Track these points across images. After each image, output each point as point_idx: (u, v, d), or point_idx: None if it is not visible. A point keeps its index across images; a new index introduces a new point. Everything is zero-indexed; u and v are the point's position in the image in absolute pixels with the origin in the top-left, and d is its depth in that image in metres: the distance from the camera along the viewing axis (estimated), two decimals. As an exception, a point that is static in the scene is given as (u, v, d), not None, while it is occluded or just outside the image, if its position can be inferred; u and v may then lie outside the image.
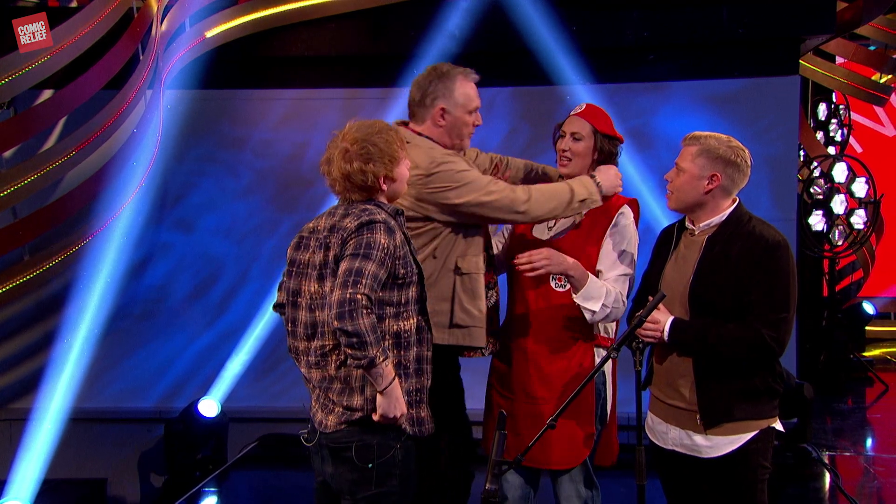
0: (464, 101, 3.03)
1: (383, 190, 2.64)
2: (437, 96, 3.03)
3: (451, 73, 3.05)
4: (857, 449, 5.71)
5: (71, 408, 4.78)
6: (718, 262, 2.68)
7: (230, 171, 5.68)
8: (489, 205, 2.90)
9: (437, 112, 3.02)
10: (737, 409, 2.67)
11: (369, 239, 2.48)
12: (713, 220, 2.76)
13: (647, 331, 2.65)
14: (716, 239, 2.73)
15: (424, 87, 3.06)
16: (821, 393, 5.80)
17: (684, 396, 2.72)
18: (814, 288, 7.55)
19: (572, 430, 2.94)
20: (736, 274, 2.64)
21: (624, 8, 5.30)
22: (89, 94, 4.44)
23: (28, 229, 4.32)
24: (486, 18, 5.21)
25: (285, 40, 5.50)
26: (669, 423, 2.78)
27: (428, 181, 2.90)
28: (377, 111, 5.49)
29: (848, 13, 5.79)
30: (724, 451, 2.69)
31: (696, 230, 2.79)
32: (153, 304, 5.68)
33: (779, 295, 2.63)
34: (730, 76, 5.39)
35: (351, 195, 2.65)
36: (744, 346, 2.62)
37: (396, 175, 2.66)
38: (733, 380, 2.67)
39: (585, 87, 5.24)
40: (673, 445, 2.78)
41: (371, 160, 2.59)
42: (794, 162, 5.63)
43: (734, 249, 2.67)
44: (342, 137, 2.66)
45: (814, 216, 6.92)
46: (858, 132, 8.94)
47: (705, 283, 2.68)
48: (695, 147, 2.75)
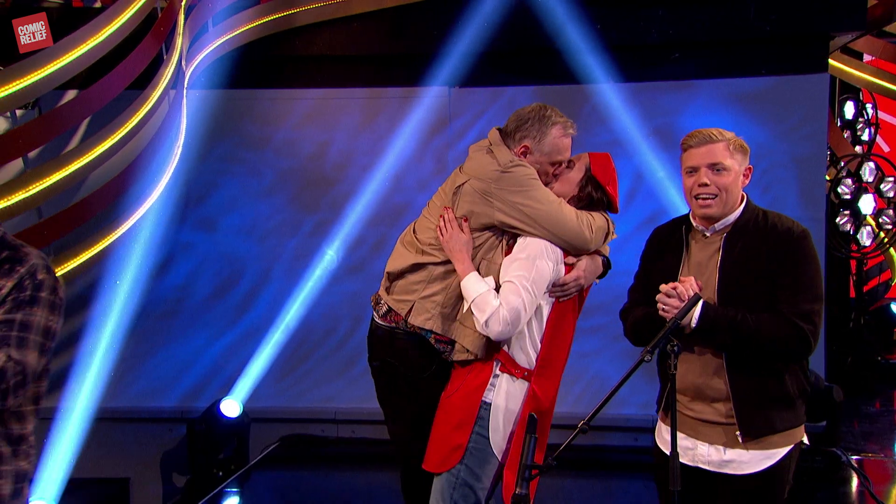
0: (550, 150, 3.03)
1: None
2: (528, 135, 3.03)
3: (553, 120, 3.03)
4: (886, 453, 5.62)
5: (95, 407, 4.79)
6: (745, 262, 2.55)
7: (252, 171, 5.69)
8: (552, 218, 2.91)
9: (520, 149, 3.03)
10: (777, 420, 2.55)
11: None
12: (729, 218, 2.62)
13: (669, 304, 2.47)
14: (734, 237, 2.59)
15: (523, 120, 3.06)
16: (848, 395, 5.71)
17: (717, 409, 2.56)
18: (841, 289, 7.44)
19: (442, 437, 2.94)
20: (767, 271, 2.52)
21: (649, 5, 5.24)
22: (113, 94, 4.45)
23: (52, 229, 4.34)
24: (510, 16, 5.17)
25: (307, 40, 5.49)
26: (698, 438, 2.61)
27: (503, 177, 2.93)
28: (399, 110, 5.49)
29: (878, 10, 5.69)
30: (760, 468, 2.56)
31: (708, 231, 2.63)
32: (175, 303, 5.70)
33: (812, 286, 2.52)
34: (757, 74, 5.32)
35: None
36: (783, 335, 2.46)
37: None
38: (769, 386, 2.54)
39: (610, 86, 5.20)
40: (699, 462, 2.61)
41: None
42: (822, 161, 5.55)
43: (759, 246, 2.55)
44: None
45: (841, 216, 6.83)
46: (886, 131, 8.81)
47: (735, 285, 2.54)
48: (721, 143, 2.59)
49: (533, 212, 2.89)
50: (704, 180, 2.57)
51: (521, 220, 2.91)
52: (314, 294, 5.55)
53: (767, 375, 2.54)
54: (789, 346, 2.48)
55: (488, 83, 5.43)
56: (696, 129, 2.69)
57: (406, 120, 5.46)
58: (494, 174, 2.93)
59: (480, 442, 2.91)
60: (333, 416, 5.62)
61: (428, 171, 5.53)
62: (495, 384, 2.92)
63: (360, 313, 5.61)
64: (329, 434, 5.65)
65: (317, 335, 5.65)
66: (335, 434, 5.65)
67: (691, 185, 2.61)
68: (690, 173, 2.62)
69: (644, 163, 5.22)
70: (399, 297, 3.14)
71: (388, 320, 3.17)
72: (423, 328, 3.07)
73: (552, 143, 3.01)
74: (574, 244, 2.90)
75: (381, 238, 5.50)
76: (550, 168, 3.05)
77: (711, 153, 2.59)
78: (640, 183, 5.25)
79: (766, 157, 5.34)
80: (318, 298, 5.57)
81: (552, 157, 3.03)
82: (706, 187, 2.57)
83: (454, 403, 2.99)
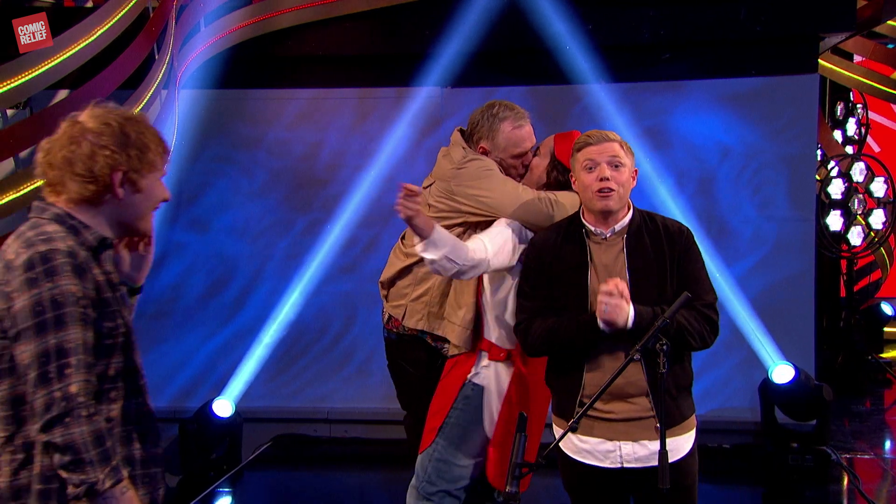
0: (506, 145, 3.09)
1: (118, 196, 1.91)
2: (482, 136, 3.10)
3: (501, 116, 3.09)
4: (875, 451, 5.65)
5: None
6: (650, 261, 2.63)
7: (244, 171, 5.68)
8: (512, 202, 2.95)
9: (479, 150, 3.11)
10: (685, 407, 2.67)
11: (53, 293, 1.76)
12: (625, 219, 2.69)
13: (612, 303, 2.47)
14: (632, 239, 2.66)
15: (474, 124, 3.14)
16: (838, 394, 5.74)
17: (638, 405, 2.58)
18: (831, 289, 7.48)
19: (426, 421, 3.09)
20: (669, 268, 2.63)
21: (640, 5, 5.26)
22: (105, 93, 4.43)
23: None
24: (502, 17, 5.18)
25: (300, 40, 5.49)
26: (619, 439, 2.60)
27: (458, 174, 3.01)
28: (392, 110, 5.49)
29: (868, 10, 5.72)
30: (679, 456, 2.63)
31: (607, 232, 2.67)
32: (167, 303, 5.69)
33: (708, 279, 2.69)
34: (747, 75, 5.34)
35: (59, 192, 1.90)
36: (701, 327, 2.58)
37: (142, 186, 1.94)
38: (676, 376, 2.62)
39: (601, 86, 5.21)
40: (625, 463, 2.61)
41: (109, 145, 1.88)
42: (812, 161, 5.57)
43: (659, 245, 2.64)
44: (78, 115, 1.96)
45: (832, 216, 6.86)
46: (876, 131, 8.85)
47: (645, 283, 2.60)
48: (615, 143, 2.67)
49: (492, 200, 2.96)
50: (606, 174, 2.62)
51: (483, 210, 2.99)
52: (306, 294, 5.55)
53: (674, 366, 2.59)
54: (705, 336, 2.61)
55: (481, 83, 5.43)
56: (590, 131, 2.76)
57: (398, 120, 5.46)
58: (451, 172, 3.04)
59: (462, 419, 3.00)
60: (326, 415, 5.62)
61: (420, 172, 5.50)
62: (483, 369, 3.04)
63: (352, 313, 5.62)
64: (322, 434, 5.64)
65: (309, 335, 5.65)
66: (328, 434, 5.65)
67: (591, 180, 2.64)
68: (590, 169, 2.65)
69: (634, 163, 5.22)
70: (394, 304, 3.26)
71: (391, 327, 3.30)
72: (417, 329, 3.17)
73: (506, 138, 3.08)
74: (539, 224, 2.93)
75: (373, 238, 5.50)
76: (515, 161, 3.11)
77: (611, 149, 2.66)
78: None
79: (757, 158, 5.36)
80: (311, 298, 5.57)
81: (511, 151, 3.09)
82: (607, 181, 2.62)
83: (438, 391, 3.12)
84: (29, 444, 1.82)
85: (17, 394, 1.83)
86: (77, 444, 1.74)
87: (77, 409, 1.74)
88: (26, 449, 1.82)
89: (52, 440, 1.74)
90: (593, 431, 2.62)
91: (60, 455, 1.74)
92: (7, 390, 1.83)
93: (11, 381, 1.82)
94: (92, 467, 1.75)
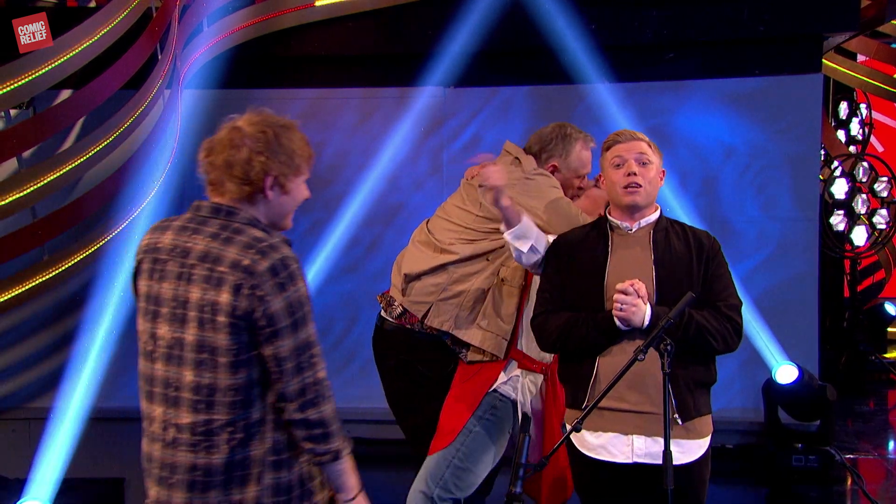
0: (577, 165, 3.20)
1: (267, 198, 2.14)
2: (554, 154, 3.18)
3: (574, 137, 3.20)
4: (879, 452, 5.64)
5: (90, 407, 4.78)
6: (676, 259, 2.65)
7: (247, 171, 5.67)
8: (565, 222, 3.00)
9: (548, 168, 3.18)
10: (702, 404, 2.67)
11: (297, 295, 2.07)
12: (652, 216, 2.73)
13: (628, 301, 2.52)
14: (658, 236, 2.69)
15: (546, 141, 3.21)
16: (842, 395, 5.74)
17: (653, 398, 2.57)
18: (835, 289, 7.46)
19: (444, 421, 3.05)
20: (695, 269, 2.64)
21: (643, 6, 5.25)
22: (108, 94, 4.44)
23: (47, 229, 4.33)
24: (505, 16, 5.17)
25: (302, 40, 5.49)
26: (635, 433, 2.61)
27: (527, 183, 3.06)
28: (394, 110, 5.49)
29: (871, 10, 5.71)
30: (693, 458, 2.63)
31: (633, 227, 2.71)
32: (171, 303, 5.68)
33: (733, 286, 2.72)
34: (750, 74, 5.34)
35: (222, 192, 2.17)
36: (723, 328, 2.60)
37: (290, 188, 2.16)
38: (697, 372, 2.64)
39: (604, 86, 5.20)
40: (636, 457, 2.61)
41: (265, 151, 2.14)
42: (815, 161, 5.57)
43: (686, 246, 2.67)
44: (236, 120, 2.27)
45: (835, 216, 6.85)
46: (880, 131, 8.83)
47: (671, 281, 2.62)
48: (643, 142, 2.73)
49: (548, 216, 3.02)
50: (634, 169, 2.68)
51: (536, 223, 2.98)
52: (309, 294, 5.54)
53: (694, 362, 2.63)
54: (727, 338, 2.62)
55: (483, 83, 5.43)
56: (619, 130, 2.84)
57: (401, 120, 5.46)
58: (520, 179, 3.08)
59: (489, 428, 2.97)
60: (329, 415, 5.61)
61: (423, 171, 5.53)
62: (512, 379, 3.03)
63: (354, 313, 5.61)
64: (324, 434, 5.64)
65: (312, 335, 5.64)
66: (330, 434, 5.64)
67: (619, 176, 2.70)
68: (618, 166, 2.71)
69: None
70: (416, 300, 3.16)
71: (403, 321, 3.20)
72: (440, 329, 3.11)
73: (577, 158, 3.19)
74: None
75: (375, 238, 5.50)
76: (577, 181, 3.21)
77: (639, 147, 2.73)
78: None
79: (760, 158, 5.36)
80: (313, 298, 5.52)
81: (578, 172, 3.21)
82: (634, 176, 2.67)
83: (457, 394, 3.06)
84: (249, 424, 2.03)
85: (244, 383, 2.03)
86: (327, 419, 2.04)
87: (325, 391, 2.06)
88: (246, 429, 2.03)
89: (308, 418, 2.01)
90: (607, 426, 2.62)
91: (312, 430, 2.02)
92: (240, 379, 2.03)
93: (247, 371, 2.03)
94: (335, 438, 2.06)
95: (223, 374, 2.01)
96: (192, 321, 2.04)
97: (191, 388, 2.04)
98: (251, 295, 1.99)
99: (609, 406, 2.59)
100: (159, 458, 2.09)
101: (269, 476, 2.04)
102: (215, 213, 2.15)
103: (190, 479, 2.03)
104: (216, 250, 2.05)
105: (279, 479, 2.06)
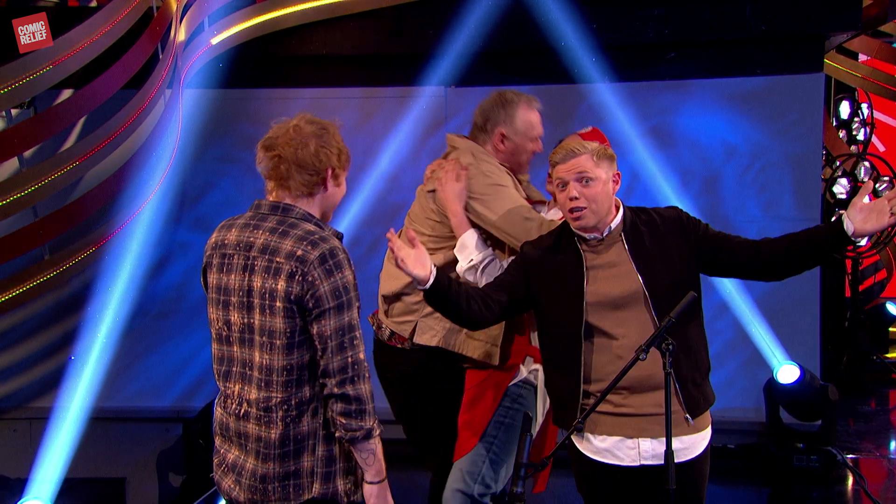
0: (524, 128, 3.13)
1: (326, 189, 2.37)
2: (499, 122, 3.13)
3: (515, 101, 3.14)
4: (881, 452, 5.64)
5: (91, 407, 4.79)
6: (655, 251, 2.62)
7: (248, 171, 5.66)
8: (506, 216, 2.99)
9: (497, 137, 3.12)
10: (709, 395, 2.66)
11: (343, 281, 2.27)
12: (615, 220, 2.66)
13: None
14: (629, 234, 2.65)
15: (488, 112, 3.16)
16: (843, 395, 5.73)
17: (658, 399, 2.52)
18: (836, 288, 7.45)
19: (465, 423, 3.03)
20: (674, 253, 2.62)
21: (645, 5, 5.25)
22: (109, 93, 4.44)
23: (48, 228, 4.33)
24: (506, 16, 5.17)
25: (304, 39, 5.48)
26: (641, 436, 2.58)
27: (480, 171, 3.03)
28: (395, 110, 5.49)
29: (873, 9, 5.70)
30: (696, 453, 2.62)
31: (601, 235, 2.65)
32: (171, 303, 5.69)
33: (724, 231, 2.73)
34: (752, 74, 5.33)
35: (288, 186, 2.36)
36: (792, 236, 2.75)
37: (341, 181, 2.42)
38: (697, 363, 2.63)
39: (606, 86, 5.20)
40: (643, 460, 2.58)
41: (326, 146, 2.36)
42: (817, 161, 5.56)
43: (654, 235, 2.64)
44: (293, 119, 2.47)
45: (836, 216, 6.83)
46: (881, 131, 8.82)
47: (658, 272, 2.59)
48: (584, 155, 2.61)
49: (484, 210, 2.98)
50: (574, 193, 2.60)
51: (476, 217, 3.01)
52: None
53: (693, 352, 2.61)
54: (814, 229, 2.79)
55: (484, 83, 5.42)
56: (561, 143, 2.78)
57: (402, 120, 5.46)
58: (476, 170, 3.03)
59: (516, 417, 2.97)
60: (330, 415, 5.60)
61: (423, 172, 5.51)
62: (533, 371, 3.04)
63: (356, 313, 5.60)
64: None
65: (313, 335, 5.64)
66: (331, 434, 5.64)
67: (563, 199, 2.64)
68: (562, 189, 2.65)
69: (639, 162, 5.22)
70: (400, 320, 3.15)
71: (394, 342, 3.17)
72: (430, 345, 3.08)
73: (523, 121, 3.12)
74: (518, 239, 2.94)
75: (376, 238, 5.49)
76: (530, 145, 3.15)
77: (578, 165, 2.62)
78: (637, 182, 5.26)
79: (762, 157, 5.35)
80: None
81: (529, 134, 3.14)
82: (576, 200, 2.60)
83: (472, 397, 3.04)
84: (302, 402, 2.25)
85: (297, 363, 2.25)
86: (363, 397, 2.21)
87: (364, 371, 2.24)
88: (298, 406, 2.25)
89: (347, 393, 2.19)
90: (611, 430, 2.59)
91: (349, 405, 2.20)
92: (293, 360, 2.24)
93: (300, 352, 2.25)
94: (369, 416, 2.23)
95: (279, 355, 2.23)
96: (256, 307, 2.27)
97: (258, 368, 2.26)
98: (302, 281, 2.21)
99: (612, 411, 2.58)
100: (235, 429, 2.33)
101: (322, 448, 2.26)
102: (273, 210, 2.36)
103: (256, 448, 2.27)
104: (274, 243, 2.27)
105: (331, 451, 2.27)
